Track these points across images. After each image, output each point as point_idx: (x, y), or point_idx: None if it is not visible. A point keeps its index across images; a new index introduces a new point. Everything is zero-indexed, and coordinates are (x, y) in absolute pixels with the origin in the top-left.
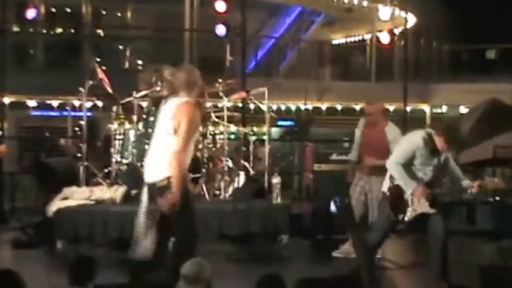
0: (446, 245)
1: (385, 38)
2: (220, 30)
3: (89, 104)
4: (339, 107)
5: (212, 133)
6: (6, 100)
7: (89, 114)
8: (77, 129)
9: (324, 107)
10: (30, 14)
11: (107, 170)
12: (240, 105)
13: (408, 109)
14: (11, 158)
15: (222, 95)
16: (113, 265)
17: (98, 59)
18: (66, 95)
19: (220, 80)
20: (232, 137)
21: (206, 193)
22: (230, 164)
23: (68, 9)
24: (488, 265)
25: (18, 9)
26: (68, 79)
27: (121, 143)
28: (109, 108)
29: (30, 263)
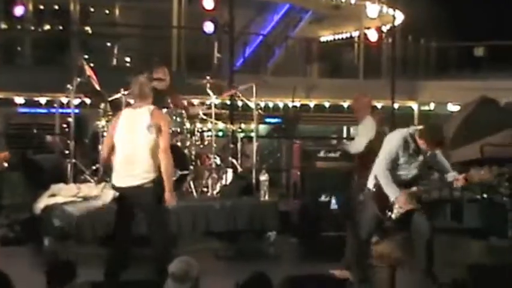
0: (432, 243)
1: (373, 36)
2: (208, 27)
3: (76, 101)
4: (327, 104)
5: (200, 130)
6: None
7: (76, 111)
8: (64, 126)
9: (312, 104)
10: (18, 11)
11: (94, 167)
12: (227, 103)
13: (396, 106)
14: None
15: (209, 92)
16: (99, 262)
17: (85, 56)
18: (54, 92)
19: (208, 77)
20: (220, 134)
21: (194, 190)
22: (218, 161)
23: (56, 7)
24: (475, 263)
25: (6, 6)
26: (56, 76)
27: None
28: (97, 105)
29: (17, 260)
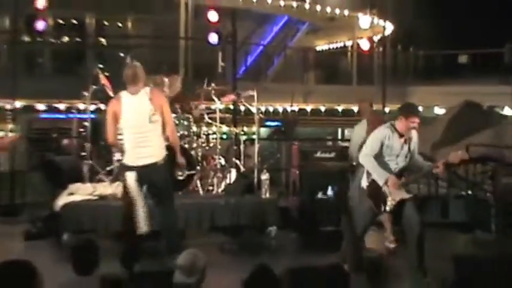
0: (423, 236)
1: (365, 45)
2: (213, 38)
3: (92, 107)
4: (323, 109)
5: (206, 133)
6: (18, 104)
7: (92, 116)
8: (82, 130)
9: (309, 109)
10: (40, 25)
11: (109, 168)
12: (231, 108)
13: (387, 110)
14: (22, 157)
15: (214, 98)
16: (114, 256)
17: (100, 66)
18: (71, 98)
19: (213, 84)
20: (224, 136)
21: (200, 189)
22: (222, 162)
23: (74, 21)
24: (462, 255)
25: (28, 22)
26: (74, 84)
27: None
28: None
29: (40, 252)
